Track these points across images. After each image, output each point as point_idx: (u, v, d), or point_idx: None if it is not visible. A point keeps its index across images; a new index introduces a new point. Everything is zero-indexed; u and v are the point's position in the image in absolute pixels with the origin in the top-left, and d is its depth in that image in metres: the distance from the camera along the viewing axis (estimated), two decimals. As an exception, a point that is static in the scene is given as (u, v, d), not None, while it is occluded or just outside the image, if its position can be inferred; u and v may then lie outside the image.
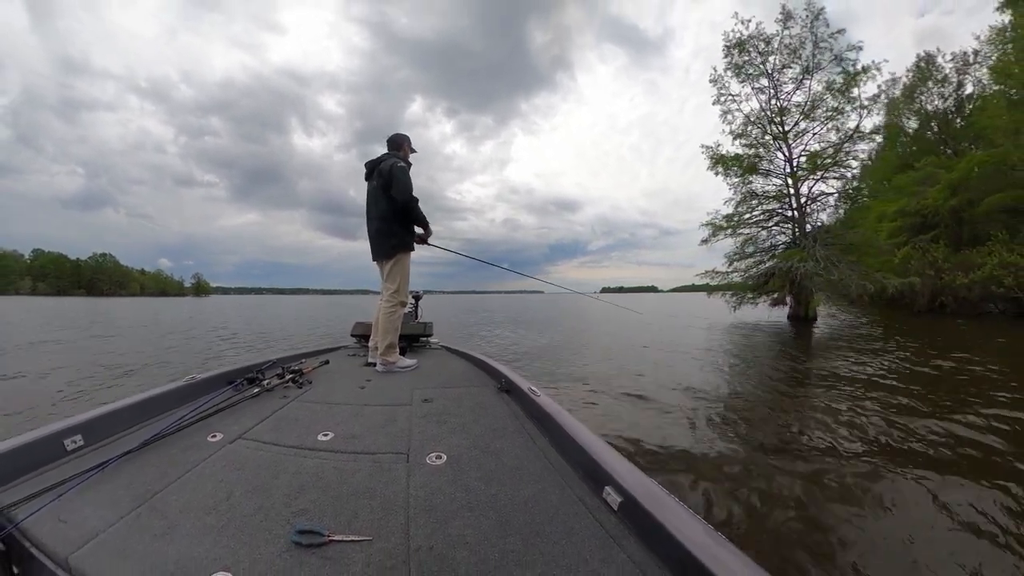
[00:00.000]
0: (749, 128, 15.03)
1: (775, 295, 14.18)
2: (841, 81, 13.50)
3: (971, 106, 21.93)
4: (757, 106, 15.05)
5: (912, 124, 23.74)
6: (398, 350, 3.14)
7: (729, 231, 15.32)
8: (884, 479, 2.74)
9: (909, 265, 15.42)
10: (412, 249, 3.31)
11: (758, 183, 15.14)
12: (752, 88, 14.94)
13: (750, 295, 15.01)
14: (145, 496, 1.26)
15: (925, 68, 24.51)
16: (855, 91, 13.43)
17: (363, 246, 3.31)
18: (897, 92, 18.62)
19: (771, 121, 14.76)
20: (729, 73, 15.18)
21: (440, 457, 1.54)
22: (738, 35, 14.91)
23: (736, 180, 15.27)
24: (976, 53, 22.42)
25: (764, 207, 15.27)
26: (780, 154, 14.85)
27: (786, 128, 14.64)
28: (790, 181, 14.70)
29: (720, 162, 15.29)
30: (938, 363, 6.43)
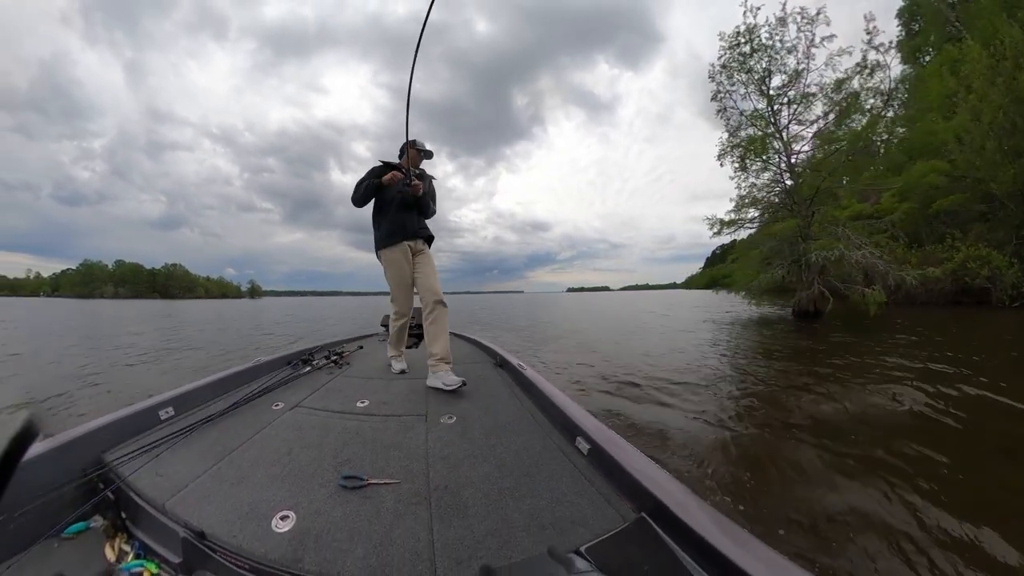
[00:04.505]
0: (752, 120, 11.92)
1: (805, 292, 10.77)
2: (834, 82, 10.85)
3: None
4: (752, 105, 12.09)
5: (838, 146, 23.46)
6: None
7: (732, 228, 12.33)
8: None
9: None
10: (381, 247, 2.53)
11: (761, 177, 12.10)
12: (746, 88, 11.93)
13: (762, 291, 11.80)
14: (224, 453, 1.23)
15: (852, 101, 23.61)
16: (842, 89, 10.77)
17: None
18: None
19: (764, 118, 11.81)
20: (725, 73, 12.14)
21: (451, 418, 1.48)
22: (744, 26, 11.63)
23: (743, 172, 12.17)
24: (893, 91, 21.96)
25: (772, 198, 12.19)
26: (779, 154, 11.90)
27: (780, 125, 11.79)
28: (787, 175, 11.81)
29: (727, 152, 12.15)
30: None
